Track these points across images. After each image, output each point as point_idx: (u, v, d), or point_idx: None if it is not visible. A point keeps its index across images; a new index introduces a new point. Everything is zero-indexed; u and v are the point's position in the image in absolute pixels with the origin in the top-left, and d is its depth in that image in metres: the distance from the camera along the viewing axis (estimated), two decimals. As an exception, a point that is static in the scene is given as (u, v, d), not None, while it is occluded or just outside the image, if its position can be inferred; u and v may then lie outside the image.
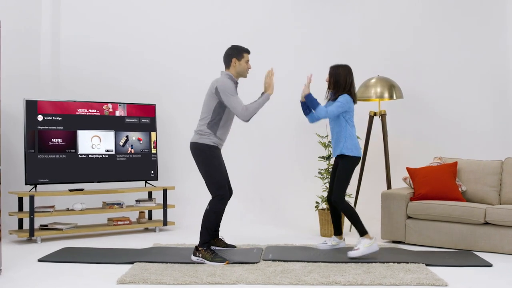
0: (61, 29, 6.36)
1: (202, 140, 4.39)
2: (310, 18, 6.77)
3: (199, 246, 4.25)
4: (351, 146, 4.53)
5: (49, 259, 4.39)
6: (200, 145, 4.39)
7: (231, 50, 4.51)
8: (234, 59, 4.47)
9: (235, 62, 4.47)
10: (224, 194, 4.32)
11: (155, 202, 5.97)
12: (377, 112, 5.85)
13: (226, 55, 4.52)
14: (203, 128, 4.41)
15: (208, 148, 4.37)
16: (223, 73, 4.50)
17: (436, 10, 6.53)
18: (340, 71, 4.60)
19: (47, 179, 5.45)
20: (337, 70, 4.62)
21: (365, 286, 3.60)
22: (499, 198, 5.16)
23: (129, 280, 3.68)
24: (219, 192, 4.31)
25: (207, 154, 4.37)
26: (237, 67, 4.47)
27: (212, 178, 4.34)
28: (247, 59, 4.52)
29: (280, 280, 3.68)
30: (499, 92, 6.35)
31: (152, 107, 6.05)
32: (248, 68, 4.54)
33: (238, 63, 4.47)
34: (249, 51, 4.55)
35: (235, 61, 4.47)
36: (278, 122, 6.67)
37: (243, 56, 4.49)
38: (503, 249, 4.65)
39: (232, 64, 4.47)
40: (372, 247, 4.32)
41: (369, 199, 6.01)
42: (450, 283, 3.66)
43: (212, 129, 4.40)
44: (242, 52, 4.49)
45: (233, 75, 4.48)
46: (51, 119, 5.53)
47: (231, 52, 4.50)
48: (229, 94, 4.31)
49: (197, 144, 4.40)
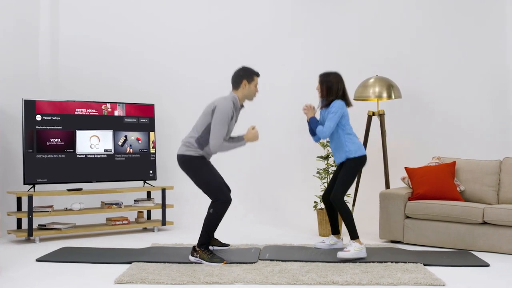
0: (59, 28, 6.35)
1: (188, 152, 4.33)
2: (309, 18, 6.76)
3: (197, 247, 4.24)
4: (354, 148, 4.50)
5: (47, 259, 4.39)
6: (186, 157, 4.33)
7: (243, 71, 4.42)
8: (245, 81, 4.38)
9: (245, 84, 4.38)
10: (226, 197, 4.26)
11: (153, 202, 5.97)
12: (376, 112, 5.85)
13: (236, 76, 4.42)
14: (191, 141, 4.35)
15: (195, 158, 4.31)
16: (230, 95, 4.41)
17: (435, 10, 6.53)
18: (332, 78, 4.57)
19: (46, 179, 5.45)
20: (328, 78, 4.58)
21: (363, 285, 3.60)
22: (497, 197, 5.16)
23: (126, 280, 3.68)
24: (220, 197, 4.25)
25: (196, 165, 4.31)
26: (246, 89, 4.40)
27: (208, 185, 4.30)
28: (257, 82, 4.45)
29: (278, 280, 3.68)
30: (498, 92, 6.36)
31: (151, 107, 6.05)
32: (256, 92, 4.47)
33: (248, 85, 4.39)
34: (259, 75, 4.48)
35: (245, 83, 4.38)
36: (277, 122, 6.67)
37: (253, 79, 4.42)
38: (501, 249, 4.65)
39: (241, 86, 4.39)
40: (361, 252, 4.29)
41: (368, 199, 6.01)
42: (447, 283, 3.66)
43: (199, 145, 4.34)
44: (253, 75, 4.42)
45: (239, 97, 4.41)
46: (50, 119, 5.53)
47: (243, 73, 4.41)
48: (220, 121, 4.22)
49: (184, 156, 4.33)
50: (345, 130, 4.53)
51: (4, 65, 5.70)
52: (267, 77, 6.67)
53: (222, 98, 4.36)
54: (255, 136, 4.40)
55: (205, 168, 4.31)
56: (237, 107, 4.40)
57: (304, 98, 6.39)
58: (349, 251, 4.28)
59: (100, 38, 6.46)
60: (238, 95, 4.41)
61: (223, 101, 4.30)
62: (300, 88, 6.67)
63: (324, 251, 4.62)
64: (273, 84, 6.61)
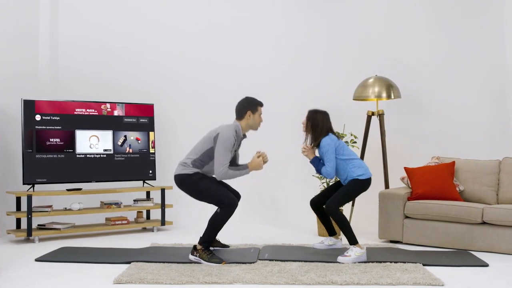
0: (59, 28, 6.36)
1: (184, 171, 4.37)
2: (309, 18, 6.77)
3: (198, 244, 4.25)
4: (360, 172, 4.51)
5: (47, 258, 4.39)
6: (182, 175, 4.37)
7: (247, 103, 4.46)
8: (249, 112, 4.44)
9: (249, 115, 4.44)
10: (229, 199, 4.26)
11: (153, 202, 5.97)
12: (375, 111, 5.85)
13: (240, 106, 4.47)
14: (188, 162, 4.39)
15: (190, 176, 4.34)
16: (234, 123, 4.46)
17: (434, 10, 6.53)
18: (318, 117, 4.58)
19: (45, 178, 5.45)
20: (315, 115, 4.60)
21: (362, 285, 3.60)
22: (496, 197, 5.16)
23: (125, 279, 3.68)
24: (226, 202, 4.25)
25: (192, 180, 4.34)
26: (250, 120, 4.45)
27: (210, 196, 4.32)
28: (261, 112, 4.50)
29: (277, 280, 3.68)
30: (497, 92, 6.36)
31: (150, 107, 6.05)
32: (260, 121, 4.51)
33: (252, 116, 4.45)
34: (263, 104, 4.53)
35: (249, 114, 4.44)
36: (277, 122, 6.67)
37: (257, 109, 4.47)
38: (501, 249, 4.65)
39: (246, 117, 4.44)
40: (362, 257, 4.29)
41: (367, 199, 5.99)
42: (446, 283, 3.66)
43: (195, 166, 4.37)
44: (256, 106, 4.47)
45: (243, 127, 4.46)
46: (49, 119, 5.53)
47: (247, 104, 4.46)
48: (222, 148, 4.26)
49: (180, 175, 4.38)
50: (346, 160, 4.53)
51: (4, 65, 5.70)
52: (267, 77, 6.70)
53: (225, 126, 4.40)
54: (259, 165, 4.43)
55: (202, 181, 4.34)
56: (239, 136, 4.45)
57: (304, 98, 6.44)
58: (350, 256, 4.28)
59: (99, 38, 6.46)
60: (241, 125, 4.46)
61: (226, 129, 4.34)
62: (300, 88, 6.67)
63: (323, 251, 4.62)
64: (273, 84, 6.61)
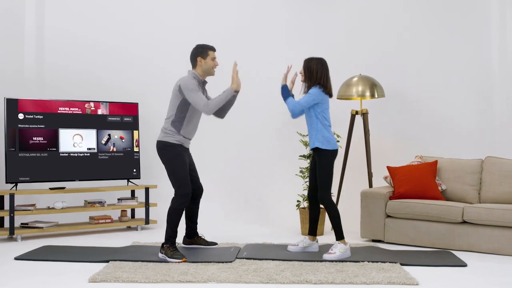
0: (45, 24, 6.34)
1: (166, 138, 4.48)
2: (295, 16, 6.76)
3: (164, 243, 4.32)
4: (322, 139, 4.39)
5: (26, 257, 4.39)
6: (163, 143, 4.49)
7: (196, 50, 4.57)
8: (199, 57, 4.53)
9: (200, 60, 4.53)
10: (185, 192, 4.38)
11: (137, 201, 5.97)
12: (359, 110, 5.85)
13: (191, 55, 4.59)
14: (167, 126, 4.50)
15: (171, 146, 4.46)
16: (189, 72, 4.56)
17: (420, 10, 6.53)
18: (312, 64, 4.49)
19: (28, 177, 5.45)
20: (310, 63, 4.51)
21: (336, 285, 3.60)
22: (478, 197, 5.16)
23: (100, 278, 3.68)
24: (180, 190, 4.39)
25: (170, 153, 4.45)
26: (203, 65, 4.53)
27: (174, 175, 4.44)
28: (213, 56, 4.57)
29: (251, 279, 3.68)
30: (481, 92, 6.36)
31: (134, 105, 6.05)
32: (215, 65, 4.58)
33: (203, 61, 4.53)
34: (214, 49, 4.60)
35: (200, 60, 4.53)
36: (260, 120, 6.67)
37: (208, 54, 4.54)
38: (480, 248, 4.65)
39: (198, 63, 4.54)
40: (346, 253, 4.29)
41: (351, 198, 6.01)
42: (421, 282, 3.66)
43: (176, 128, 4.47)
44: (206, 50, 4.55)
45: (199, 74, 4.55)
46: (32, 118, 5.52)
47: (196, 51, 4.56)
48: (191, 91, 4.37)
49: (161, 142, 4.50)
50: (320, 119, 4.42)
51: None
52: (252, 75, 6.69)
53: (181, 77, 4.53)
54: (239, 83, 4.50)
55: (177, 160, 4.44)
56: (200, 81, 4.53)
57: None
58: (335, 253, 4.27)
59: (86, 35, 6.45)
60: (197, 72, 4.55)
61: (184, 78, 4.48)
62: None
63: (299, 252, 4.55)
64: (259, 83, 6.60)
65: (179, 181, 4.40)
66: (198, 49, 4.56)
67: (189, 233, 4.84)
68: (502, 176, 5.06)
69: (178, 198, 4.39)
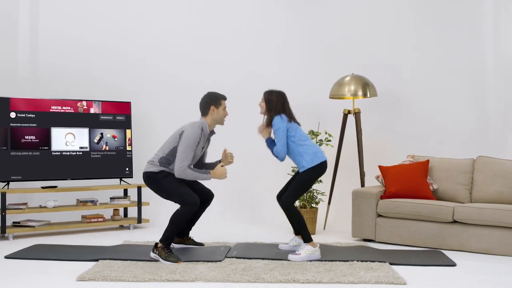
0: (38, 23, 6.34)
1: (150, 168, 4.42)
2: (290, 16, 6.76)
3: (159, 242, 4.27)
4: (308, 158, 4.38)
5: (17, 256, 4.40)
6: (148, 173, 4.43)
7: (209, 98, 4.46)
8: (212, 106, 4.43)
9: (213, 110, 4.43)
10: (191, 198, 4.27)
11: (129, 200, 5.97)
12: (351, 110, 5.85)
13: (203, 102, 4.47)
14: (155, 160, 4.44)
15: (155, 173, 4.39)
16: (200, 120, 4.45)
17: (411, 10, 6.53)
18: (272, 97, 4.50)
19: (20, 176, 5.45)
20: (270, 96, 4.51)
21: (323, 284, 3.61)
22: (470, 196, 5.17)
23: (88, 277, 3.68)
24: (187, 200, 4.26)
25: (157, 178, 4.39)
26: (214, 114, 4.44)
27: (172, 194, 4.35)
28: (225, 106, 4.49)
29: (239, 278, 3.68)
30: (474, 91, 6.36)
31: (127, 104, 6.05)
32: (226, 115, 4.51)
33: (216, 110, 4.44)
34: (226, 98, 4.52)
35: (213, 109, 4.43)
36: (254, 121, 6.66)
37: (220, 103, 4.46)
38: (471, 248, 4.66)
39: (210, 112, 4.44)
40: (314, 255, 4.26)
41: (344, 197, 6.01)
42: (409, 282, 3.66)
43: (161, 164, 4.41)
44: (219, 100, 4.46)
45: (209, 124, 4.46)
46: (24, 116, 5.52)
47: (209, 99, 4.45)
48: (186, 145, 4.27)
49: (146, 173, 4.44)
50: (297, 143, 4.42)
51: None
52: (246, 75, 6.69)
53: (191, 123, 4.41)
54: (222, 174, 4.42)
55: (167, 178, 4.37)
56: (205, 133, 4.44)
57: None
58: (300, 254, 4.26)
59: (80, 35, 6.44)
60: (207, 121, 4.45)
61: (191, 126, 4.36)
62: (278, 86, 6.61)
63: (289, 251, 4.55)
64: (252, 83, 6.60)
65: (181, 196, 4.28)
66: (212, 97, 4.45)
67: (181, 232, 4.82)
68: (494, 176, 5.06)
69: (185, 207, 4.27)
